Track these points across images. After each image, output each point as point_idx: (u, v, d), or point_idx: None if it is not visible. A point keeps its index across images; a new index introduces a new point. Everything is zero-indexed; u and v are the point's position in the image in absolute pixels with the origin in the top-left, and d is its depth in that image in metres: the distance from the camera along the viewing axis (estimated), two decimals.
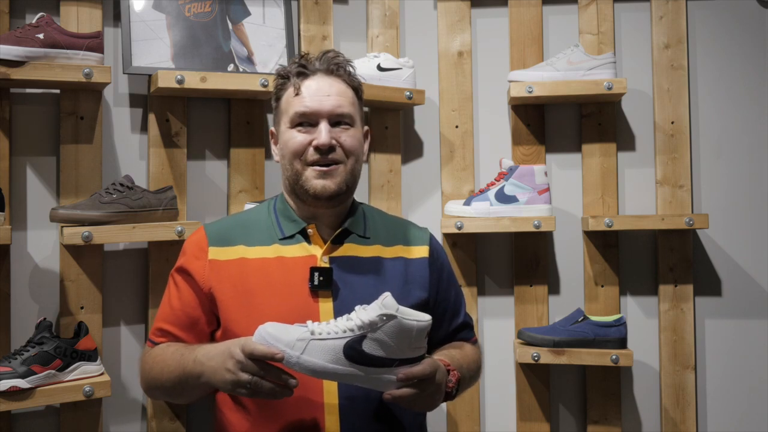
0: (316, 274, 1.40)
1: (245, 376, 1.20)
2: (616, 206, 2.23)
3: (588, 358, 2.07)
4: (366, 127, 1.54)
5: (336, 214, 1.49)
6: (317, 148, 1.41)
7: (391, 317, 1.20)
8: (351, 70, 1.51)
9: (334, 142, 1.41)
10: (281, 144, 1.47)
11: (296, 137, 1.43)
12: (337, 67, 1.48)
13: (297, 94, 1.44)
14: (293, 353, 1.18)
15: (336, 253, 1.46)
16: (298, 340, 1.19)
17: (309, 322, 1.23)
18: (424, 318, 1.24)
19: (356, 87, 1.51)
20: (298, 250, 1.45)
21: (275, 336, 1.19)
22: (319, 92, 1.44)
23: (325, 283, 1.40)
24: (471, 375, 1.53)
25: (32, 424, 1.85)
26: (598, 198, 2.24)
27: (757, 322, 2.23)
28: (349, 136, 1.44)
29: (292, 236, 1.46)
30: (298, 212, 1.49)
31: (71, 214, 1.73)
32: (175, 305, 1.47)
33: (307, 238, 1.46)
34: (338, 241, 1.47)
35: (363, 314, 1.22)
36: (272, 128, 1.54)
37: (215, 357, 1.27)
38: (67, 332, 1.84)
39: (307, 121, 1.43)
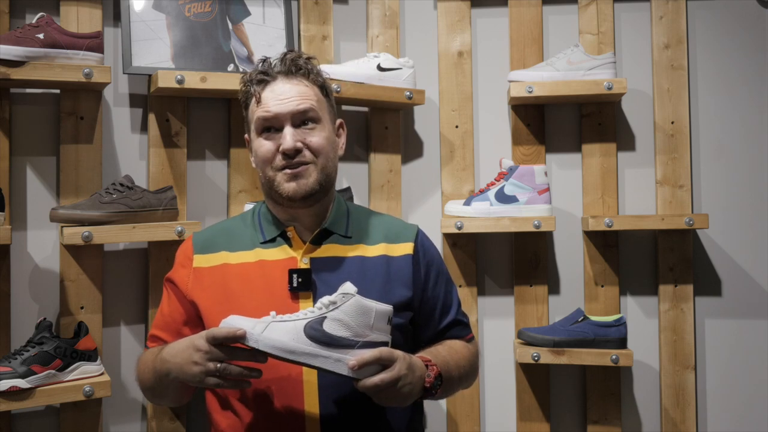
0: (295, 275, 1.41)
1: (212, 365, 1.23)
2: (616, 206, 2.23)
3: (588, 358, 2.07)
4: (339, 120, 1.54)
5: (315, 215, 1.49)
6: (284, 153, 1.42)
7: (349, 296, 1.25)
8: (311, 67, 1.50)
9: (299, 144, 1.42)
10: (254, 152, 1.49)
11: (264, 145, 1.44)
12: (296, 68, 1.48)
13: (258, 102, 1.45)
14: (254, 332, 1.21)
15: (316, 254, 1.46)
16: (259, 323, 1.23)
17: (272, 313, 1.27)
18: (386, 305, 1.28)
19: (321, 84, 1.50)
20: (279, 252, 1.46)
21: (237, 322, 1.23)
22: (280, 96, 1.44)
23: (304, 285, 1.41)
24: (461, 373, 1.50)
25: (32, 424, 1.85)
26: (598, 198, 2.24)
27: (757, 322, 2.23)
28: (315, 136, 1.44)
29: (273, 240, 1.48)
30: (278, 215, 1.50)
31: (71, 214, 1.73)
32: (165, 312, 1.52)
33: (288, 241, 1.47)
34: (318, 242, 1.48)
35: (323, 298, 1.27)
36: (246, 135, 1.55)
37: (179, 353, 1.29)
38: (67, 332, 1.84)
39: (271, 126, 1.44)
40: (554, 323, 2.14)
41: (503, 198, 2.11)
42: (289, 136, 1.41)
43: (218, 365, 1.23)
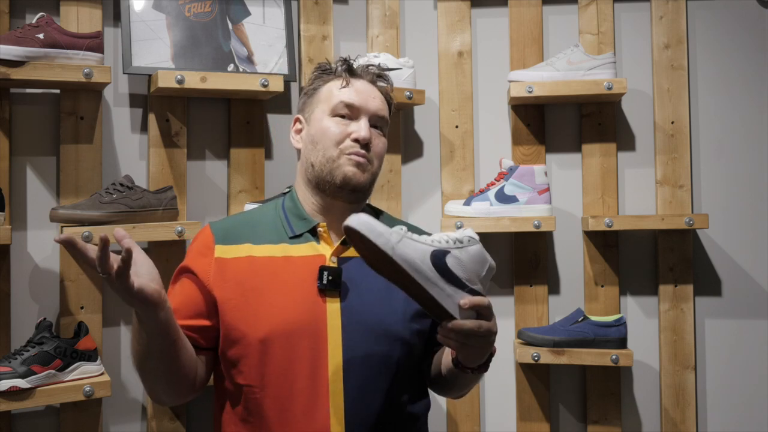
0: (326, 273, 1.39)
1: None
2: (616, 206, 2.23)
3: (588, 358, 2.07)
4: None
5: (347, 215, 1.48)
6: (356, 140, 1.43)
7: (475, 241, 1.26)
8: (390, 87, 1.55)
9: (370, 140, 1.45)
10: (314, 130, 1.47)
11: (335, 127, 1.45)
12: (379, 79, 1.53)
13: (344, 87, 1.48)
14: (391, 239, 1.21)
15: (345, 254, 1.45)
16: (394, 232, 1.22)
17: (402, 227, 1.26)
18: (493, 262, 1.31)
19: (390, 103, 1.55)
20: (307, 249, 1.44)
21: (372, 224, 1.22)
22: (367, 92, 1.48)
23: (334, 283, 1.39)
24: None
25: (32, 424, 1.85)
26: (598, 198, 2.24)
27: (757, 322, 2.23)
28: (380, 142, 1.49)
29: (300, 235, 1.46)
30: (309, 209, 1.48)
31: (71, 214, 1.73)
32: (177, 300, 1.45)
33: (316, 237, 1.46)
34: (347, 242, 1.47)
35: (450, 233, 1.27)
36: (298, 116, 1.55)
37: None
38: (67, 332, 1.84)
39: (349, 114, 1.46)
40: (554, 323, 2.14)
41: (503, 198, 2.11)
42: (365, 127, 1.44)
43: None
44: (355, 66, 1.52)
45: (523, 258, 2.24)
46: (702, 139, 2.26)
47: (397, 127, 2.24)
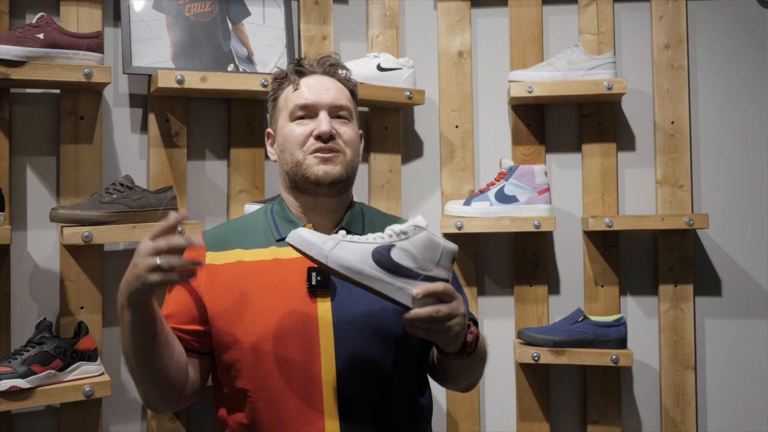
0: (314, 274, 1.39)
1: (151, 260, 1.18)
2: (616, 206, 2.23)
3: (588, 358, 2.07)
4: (360, 131, 1.56)
5: (333, 212, 1.48)
6: (318, 137, 1.43)
7: (420, 229, 1.25)
8: (346, 73, 1.55)
9: (334, 131, 1.44)
10: (280, 139, 1.49)
11: (296, 129, 1.45)
12: (333, 68, 1.52)
13: (296, 90, 1.48)
14: (324, 247, 1.22)
15: None
16: (330, 239, 1.23)
17: (342, 232, 1.27)
18: (453, 244, 1.29)
19: (352, 89, 1.55)
20: (295, 250, 1.44)
21: (306, 237, 1.23)
22: (319, 87, 1.48)
23: (323, 283, 1.39)
24: (483, 355, 1.48)
25: (32, 424, 1.85)
26: (598, 198, 2.24)
27: (757, 322, 2.23)
28: (347, 128, 1.47)
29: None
30: (296, 212, 1.49)
31: (71, 214, 1.74)
32: (171, 306, 1.45)
33: None
34: None
35: (395, 226, 1.27)
36: (269, 129, 1.56)
37: (126, 273, 1.26)
38: (67, 332, 1.84)
39: (306, 114, 1.46)
40: (554, 323, 2.14)
41: (503, 198, 2.11)
42: (325, 121, 1.44)
43: (159, 259, 1.18)
44: (306, 64, 1.52)
45: (523, 258, 2.24)
46: (702, 139, 2.26)
47: (397, 127, 2.24)
